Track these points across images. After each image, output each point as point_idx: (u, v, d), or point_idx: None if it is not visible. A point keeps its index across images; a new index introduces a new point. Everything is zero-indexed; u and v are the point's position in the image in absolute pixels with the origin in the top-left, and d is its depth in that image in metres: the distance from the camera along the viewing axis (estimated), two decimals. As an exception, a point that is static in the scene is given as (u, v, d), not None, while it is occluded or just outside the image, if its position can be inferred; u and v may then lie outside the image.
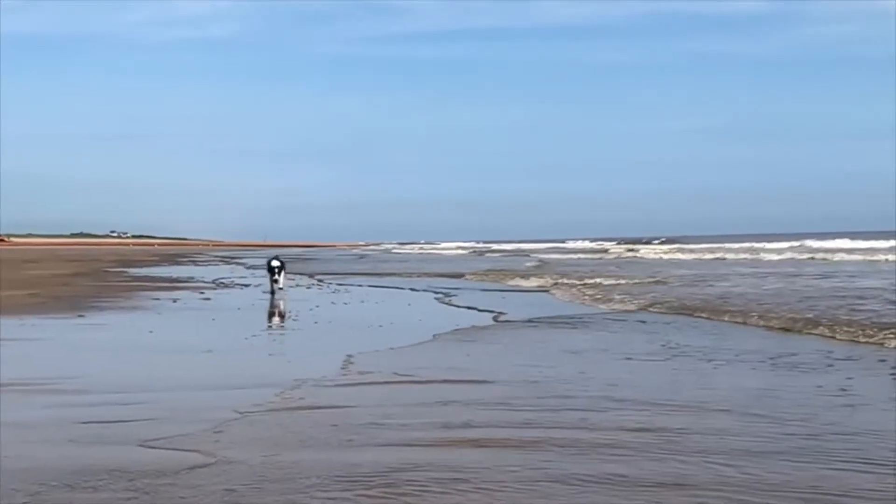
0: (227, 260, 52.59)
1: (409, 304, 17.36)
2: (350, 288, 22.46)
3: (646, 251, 52.83)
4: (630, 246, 62.82)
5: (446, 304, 17.22)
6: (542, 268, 31.19)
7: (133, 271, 34.02)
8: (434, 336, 11.22)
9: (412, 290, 21.50)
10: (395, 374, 8.11)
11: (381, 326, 12.55)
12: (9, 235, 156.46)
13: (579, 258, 47.65)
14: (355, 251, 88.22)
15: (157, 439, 5.63)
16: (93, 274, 31.28)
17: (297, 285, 23.60)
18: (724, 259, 39.63)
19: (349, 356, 9.12)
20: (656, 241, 72.94)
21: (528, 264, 38.16)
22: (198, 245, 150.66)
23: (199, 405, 6.94)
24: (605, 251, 58.65)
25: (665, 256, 45.04)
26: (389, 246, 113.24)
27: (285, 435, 5.75)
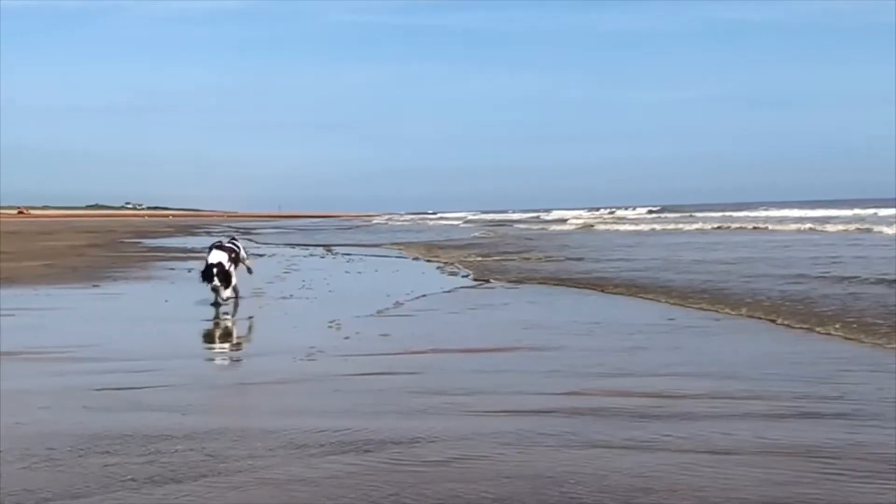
0: (240, 231, 52.75)
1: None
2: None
3: (613, 222, 51.13)
4: (619, 215, 62.49)
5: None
6: (470, 245, 29.42)
7: (148, 242, 34.10)
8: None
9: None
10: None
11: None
12: (27, 207, 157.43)
13: (550, 230, 45.81)
14: (355, 222, 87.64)
15: (171, 406, 5.64)
16: (108, 245, 31.36)
17: (311, 255, 23.69)
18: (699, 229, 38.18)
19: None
20: (648, 210, 72.21)
21: (476, 234, 38.81)
22: (212, 216, 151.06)
23: (213, 372, 6.96)
24: (566, 221, 56.78)
25: (630, 228, 42.40)
26: (393, 217, 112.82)
27: (304, 401, 5.75)
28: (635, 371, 6.68)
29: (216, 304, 10.96)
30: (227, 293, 11.10)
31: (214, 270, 11.05)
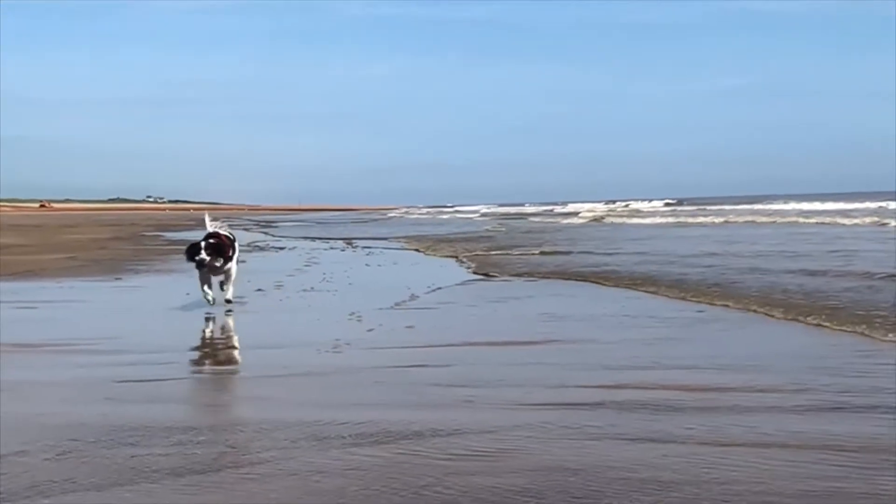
0: (261, 224, 52.89)
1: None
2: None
3: (628, 216, 50.54)
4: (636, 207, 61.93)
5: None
6: (477, 238, 28.94)
7: (169, 235, 34.25)
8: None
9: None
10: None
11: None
12: (49, 201, 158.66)
13: (561, 224, 45.48)
14: (373, 216, 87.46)
15: (194, 398, 5.65)
16: (130, 238, 31.54)
17: (332, 248, 23.75)
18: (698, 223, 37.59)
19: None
20: (665, 202, 71.45)
21: (488, 227, 38.63)
22: (233, 209, 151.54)
23: (236, 364, 6.97)
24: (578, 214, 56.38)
25: (642, 221, 41.94)
26: (411, 210, 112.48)
27: (328, 394, 5.75)
28: (660, 364, 6.63)
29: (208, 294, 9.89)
30: (231, 291, 9.90)
31: (203, 244, 9.65)
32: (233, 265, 10.06)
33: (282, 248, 24.35)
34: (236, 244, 10.50)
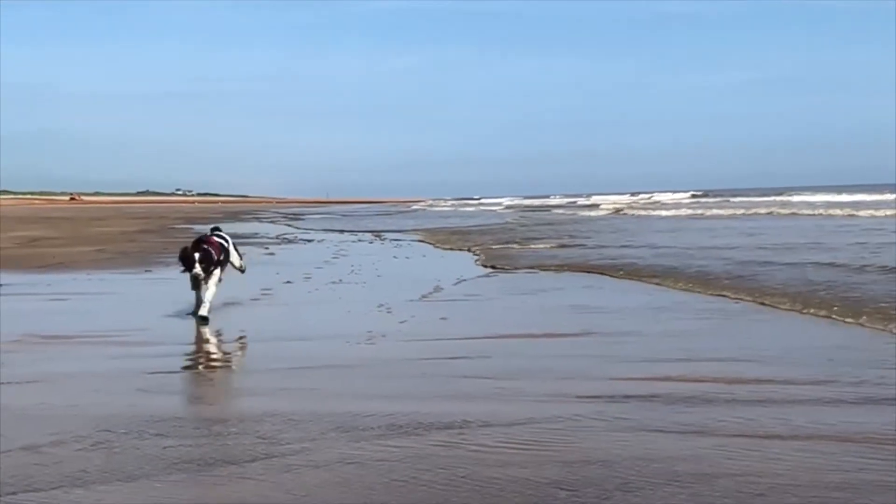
0: (289, 216, 53.08)
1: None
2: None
3: (650, 208, 50.12)
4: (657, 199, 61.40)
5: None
6: (486, 232, 28.80)
7: (198, 228, 34.37)
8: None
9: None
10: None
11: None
12: (79, 194, 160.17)
13: (579, 215, 45.16)
14: (399, 208, 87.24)
15: (225, 388, 5.67)
16: (159, 230, 31.76)
17: (359, 241, 23.80)
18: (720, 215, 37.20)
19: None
20: (688, 194, 70.65)
21: (508, 219, 38.49)
22: (261, 202, 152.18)
23: (266, 355, 6.98)
24: (597, 206, 55.91)
25: (663, 214, 41.47)
26: (436, 203, 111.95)
27: (360, 385, 5.75)
28: (692, 357, 6.59)
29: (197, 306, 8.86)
30: (210, 290, 8.86)
31: (197, 256, 8.85)
32: (217, 273, 9.00)
33: (310, 241, 24.45)
34: (230, 246, 9.62)
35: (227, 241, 9.65)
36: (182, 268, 9.04)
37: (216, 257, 9.03)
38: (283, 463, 4.07)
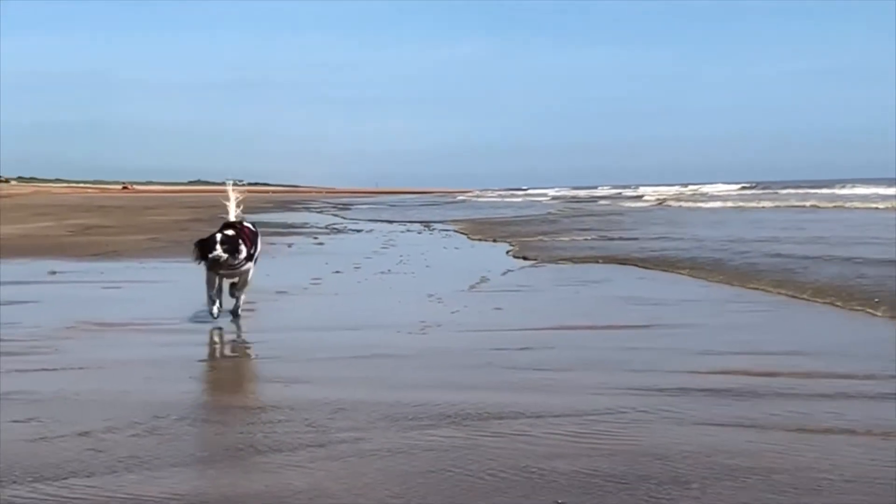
0: (337, 206, 53.34)
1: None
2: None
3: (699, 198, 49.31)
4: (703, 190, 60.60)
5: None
6: (530, 222, 28.04)
7: (248, 217, 34.66)
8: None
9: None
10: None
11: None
12: (131, 183, 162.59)
13: (622, 207, 44.62)
14: (445, 198, 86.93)
15: (273, 377, 5.70)
16: (210, 220, 31.90)
17: (408, 231, 23.83)
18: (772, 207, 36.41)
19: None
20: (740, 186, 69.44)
21: (553, 210, 38.37)
22: (311, 192, 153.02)
23: (315, 344, 7.00)
24: (643, 198, 55.42)
25: (708, 206, 40.73)
26: (483, 193, 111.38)
27: (413, 374, 5.75)
28: (742, 350, 6.50)
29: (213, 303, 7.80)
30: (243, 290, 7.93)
31: (219, 237, 7.63)
32: (251, 266, 8.01)
33: (359, 231, 24.53)
34: (259, 240, 8.52)
35: (256, 229, 8.62)
36: (197, 257, 7.63)
37: (247, 247, 7.75)
38: (331, 451, 4.07)
